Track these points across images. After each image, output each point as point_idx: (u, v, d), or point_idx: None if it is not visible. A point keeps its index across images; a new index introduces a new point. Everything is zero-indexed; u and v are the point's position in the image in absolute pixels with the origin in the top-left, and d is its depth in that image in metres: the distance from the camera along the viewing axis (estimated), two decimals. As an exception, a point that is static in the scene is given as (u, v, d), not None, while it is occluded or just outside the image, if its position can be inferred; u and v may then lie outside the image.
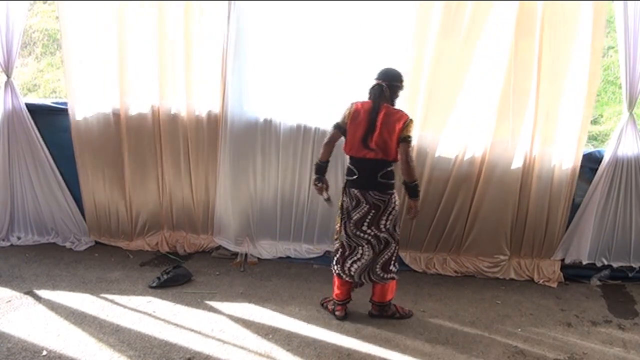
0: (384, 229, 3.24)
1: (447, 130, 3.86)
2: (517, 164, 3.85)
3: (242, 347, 3.09)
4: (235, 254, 4.21)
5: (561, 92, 3.73)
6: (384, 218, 3.22)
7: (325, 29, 3.80)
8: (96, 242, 4.35)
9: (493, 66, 3.71)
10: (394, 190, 3.22)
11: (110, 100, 4.02)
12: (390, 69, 3.24)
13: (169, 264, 4.04)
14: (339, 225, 3.33)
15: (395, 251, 3.34)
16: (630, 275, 4.04)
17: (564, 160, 3.84)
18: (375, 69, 3.24)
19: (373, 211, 3.20)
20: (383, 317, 3.44)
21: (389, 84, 3.17)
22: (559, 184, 3.87)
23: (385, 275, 3.33)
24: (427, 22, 3.69)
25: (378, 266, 3.30)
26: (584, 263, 4.02)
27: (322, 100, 3.91)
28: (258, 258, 4.20)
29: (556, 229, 3.98)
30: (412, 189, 3.18)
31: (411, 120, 3.13)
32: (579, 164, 3.84)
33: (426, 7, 3.68)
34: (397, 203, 3.25)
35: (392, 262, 3.34)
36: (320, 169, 3.30)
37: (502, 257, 4.06)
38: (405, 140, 3.09)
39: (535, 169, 3.87)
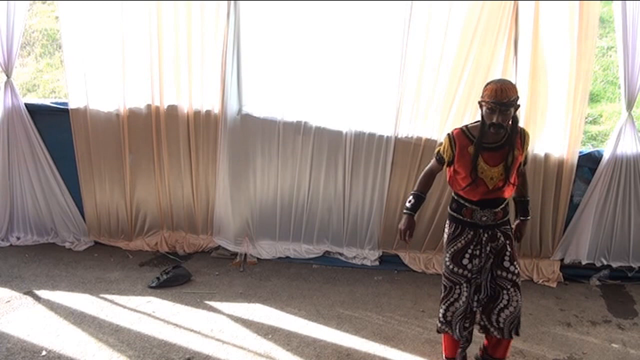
0: None
1: (446, 129, 3.85)
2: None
3: (241, 347, 3.09)
4: (235, 254, 4.21)
5: (554, 91, 3.73)
6: None
7: (325, 28, 3.80)
8: (95, 242, 4.34)
9: (490, 65, 3.71)
10: (450, 217, 2.82)
11: (111, 100, 4.02)
12: None
13: (168, 264, 4.03)
14: None
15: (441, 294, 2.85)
16: (629, 275, 4.03)
17: (559, 159, 3.84)
18: (374, 67, 3.16)
19: None
20: None
21: None
22: (557, 183, 3.88)
23: None
24: (425, 22, 3.69)
25: None
26: (583, 263, 4.02)
27: (322, 99, 3.91)
28: (257, 258, 4.20)
29: (555, 229, 3.98)
30: None
31: (446, 135, 2.71)
32: (575, 163, 3.84)
33: (422, 7, 3.68)
34: (446, 231, 2.84)
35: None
36: None
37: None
38: None
39: (531, 169, 3.87)
